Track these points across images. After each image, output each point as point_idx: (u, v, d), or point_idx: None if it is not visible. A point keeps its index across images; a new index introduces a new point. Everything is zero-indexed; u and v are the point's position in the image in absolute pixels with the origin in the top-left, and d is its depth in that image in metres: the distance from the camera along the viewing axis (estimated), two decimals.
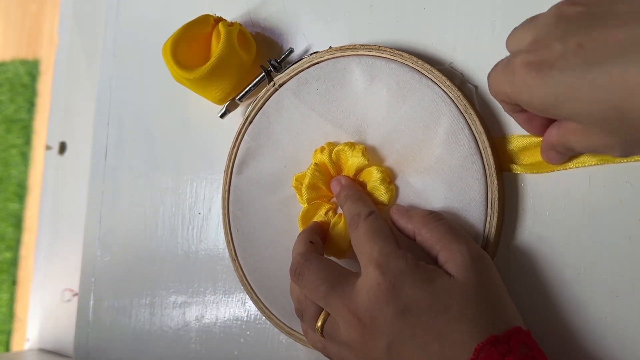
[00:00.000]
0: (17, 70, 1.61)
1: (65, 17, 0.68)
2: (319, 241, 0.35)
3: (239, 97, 0.42)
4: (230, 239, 0.41)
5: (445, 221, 0.32)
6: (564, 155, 0.30)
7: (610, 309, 0.30)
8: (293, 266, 0.33)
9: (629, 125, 0.23)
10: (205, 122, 0.46)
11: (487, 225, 0.33)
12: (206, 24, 0.42)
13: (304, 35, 0.43)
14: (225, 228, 0.41)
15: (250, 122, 0.41)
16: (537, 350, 0.27)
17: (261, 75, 0.41)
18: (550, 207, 0.33)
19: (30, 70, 1.60)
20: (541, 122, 0.30)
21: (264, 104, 0.41)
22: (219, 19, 0.43)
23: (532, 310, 0.32)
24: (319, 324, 0.32)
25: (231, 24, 0.42)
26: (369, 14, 0.40)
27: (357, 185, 0.36)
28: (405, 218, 0.33)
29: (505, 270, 0.33)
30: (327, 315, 0.32)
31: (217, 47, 0.41)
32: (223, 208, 0.42)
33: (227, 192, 0.41)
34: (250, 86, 0.42)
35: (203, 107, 0.46)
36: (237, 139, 0.41)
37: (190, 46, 0.42)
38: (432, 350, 0.27)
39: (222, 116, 0.43)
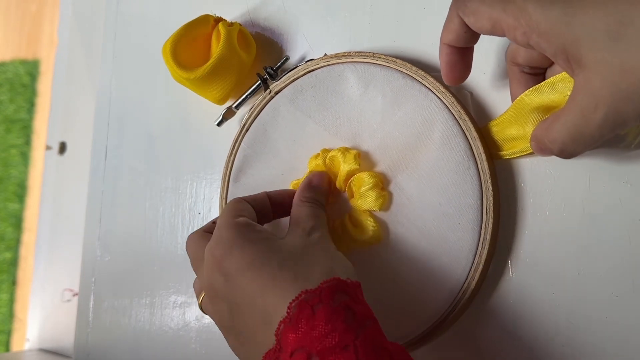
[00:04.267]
0: (17, 70, 1.61)
1: (65, 17, 0.68)
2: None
3: (235, 105, 0.42)
4: None
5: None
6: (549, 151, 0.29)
7: (610, 309, 0.30)
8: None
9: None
10: (206, 122, 0.46)
11: (483, 230, 0.33)
12: (206, 24, 0.42)
13: (304, 35, 0.43)
14: None
15: (247, 130, 0.41)
16: (358, 301, 0.27)
17: (257, 83, 0.41)
18: (550, 207, 0.33)
19: (30, 70, 1.60)
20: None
21: (260, 112, 0.41)
22: (219, 19, 0.43)
23: (532, 310, 0.32)
24: (199, 302, 0.34)
25: (231, 24, 0.42)
26: (369, 14, 0.40)
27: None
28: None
29: (504, 269, 0.33)
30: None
31: (217, 48, 0.41)
32: None
33: (224, 200, 0.41)
34: (246, 94, 0.42)
35: (203, 107, 0.46)
36: (234, 147, 0.41)
37: (190, 46, 0.42)
38: (258, 305, 0.28)
39: (219, 124, 0.43)
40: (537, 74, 0.31)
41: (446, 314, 0.33)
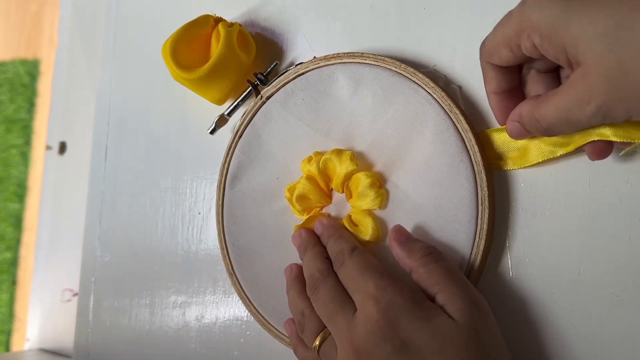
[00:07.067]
0: (17, 70, 1.61)
1: (65, 17, 0.68)
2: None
3: (227, 112, 0.42)
4: (226, 254, 0.41)
5: (445, 263, 0.31)
6: (527, 132, 0.30)
7: (610, 309, 0.30)
8: (312, 279, 0.33)
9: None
10: (205, 122, 0.46)
11: (479, 221, 0.33)
12: (206, 24, 0.42)
13: (304, 35, 0.43)
14: (220, 243, 0.41)
15: (240, 136, 0.41)
16: None
17: (249, 90, 0.41)
18: (550, 207, 0.33)
19: (30, 70, 1.60)
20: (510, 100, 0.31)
21: (252, 118, 0.41)
22: (219, 19, 0.43)
23: (532, 310, 0.32)
24: (317, 342, 0.32)
25: (231, 25, 0.42)
26: (369, 14, 0.40)
27: (337, 224, 0.36)
28: (404, 252, 0.32)
29: (504, 270, 0.33)
30: (328, 335, 0.32)
31: (216, 48, 0.41)
32: (217, 223, 0.42)
33: (220, 208, 0.41)
34: (237, 101, 0.42)
35: (203, 107, 0.46)
36: (228, 154, 0.41)
37: (190, 46, 0.42)
38: None
39: (211, 132, 0.43)
40: (549, 71, 0.31)
41: None
